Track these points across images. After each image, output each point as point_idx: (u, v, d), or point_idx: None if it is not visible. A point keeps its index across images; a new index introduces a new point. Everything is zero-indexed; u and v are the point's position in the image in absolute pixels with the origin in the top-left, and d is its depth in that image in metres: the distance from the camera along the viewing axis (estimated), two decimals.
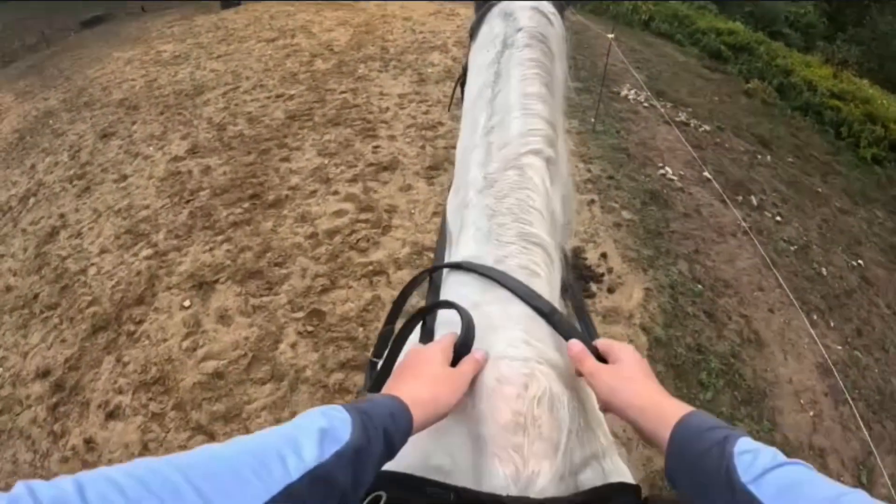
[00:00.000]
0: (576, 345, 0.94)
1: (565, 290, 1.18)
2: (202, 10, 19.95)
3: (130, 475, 0.49)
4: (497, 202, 1.09)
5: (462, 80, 1.56)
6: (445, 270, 1.18)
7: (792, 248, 7.28)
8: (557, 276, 1.10)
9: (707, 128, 10.11)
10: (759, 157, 9.82)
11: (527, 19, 1.26)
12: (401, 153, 7.20)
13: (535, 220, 1.07)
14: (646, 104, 10.12)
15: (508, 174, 1.10)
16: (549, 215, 1.10)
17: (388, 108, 8.59)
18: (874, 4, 21.00)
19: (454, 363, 0.90)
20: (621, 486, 0.88)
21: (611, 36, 7.58)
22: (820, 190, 9.31)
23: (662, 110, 9.73)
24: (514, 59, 1.22)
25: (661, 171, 7.79)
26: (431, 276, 1.28)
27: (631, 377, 0.88)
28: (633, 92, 10.46)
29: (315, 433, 0.64)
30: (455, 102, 1.72)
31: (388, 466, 0.78)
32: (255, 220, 6.29)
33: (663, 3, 19.36)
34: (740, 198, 8.05)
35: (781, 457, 0.66)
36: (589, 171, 7.15)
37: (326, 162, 7.17)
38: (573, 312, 1.26)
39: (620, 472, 0.96)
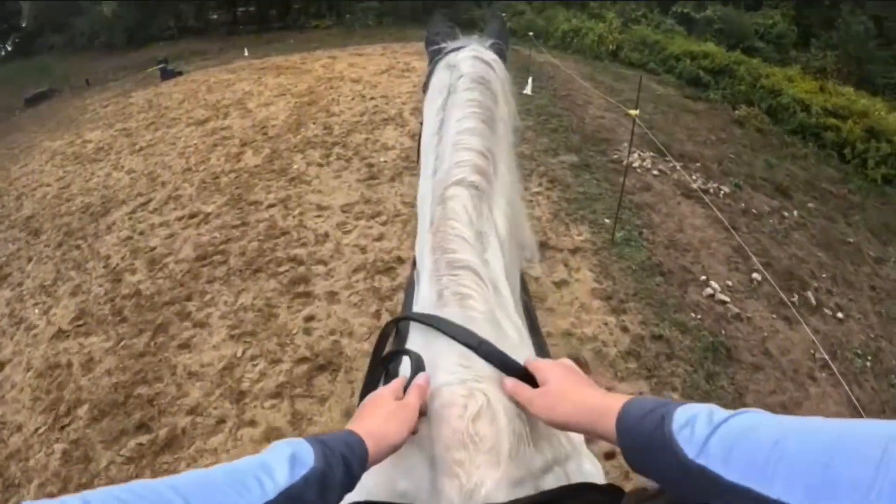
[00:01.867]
0: (507, 381, 0.91)
1: (526, 309, 1.24)
2: (142, 84, 17.71)
3: (130, 491, 0.52)
4: (433, 238, 1.09)
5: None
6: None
7: (868, 364, 5.68)
8: (494, 294, 1.05)
9: (725, 189, 8.28)
10: (786, 214, 8.33)
11: (468, 67, 1.28)
12: (344, 330, 4.78)
13: (459, 247, 1.06)
14: (655, 171, 7.95)
15: (438, 210, 1.11)
16: (475, 238, 1.08)
17: (326, 235, 6.19)
18: (843, 5, 18.94)
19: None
20: (582, 487, 0.86)
21: (634, 112, 5.41)
22: (851, 240, 8.26)
23: (675, 175, 7.60)
24: (456, 103, 1.22)
25: (708, 291, 5.60)
26: (398, 326, 1.18)
27: (561, 391, 0.85)
28: (635, 155, 8.17)
29: (285, 459, 0.66)
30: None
31: (357, 495, 0.81)
32: (143, 473, 3.86)
33: (630, 31, 17.14)
34: (796, 297, 6.14)
35: (718, 414, 0.62)
36: (624, 326, 4.77)
37: (240, 354, 4.75)
38: (527, 327, 1.23)
39: (588, 474, 0.94)
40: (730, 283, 5.97)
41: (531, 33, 11.00)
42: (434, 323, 0.98)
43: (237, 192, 7.56)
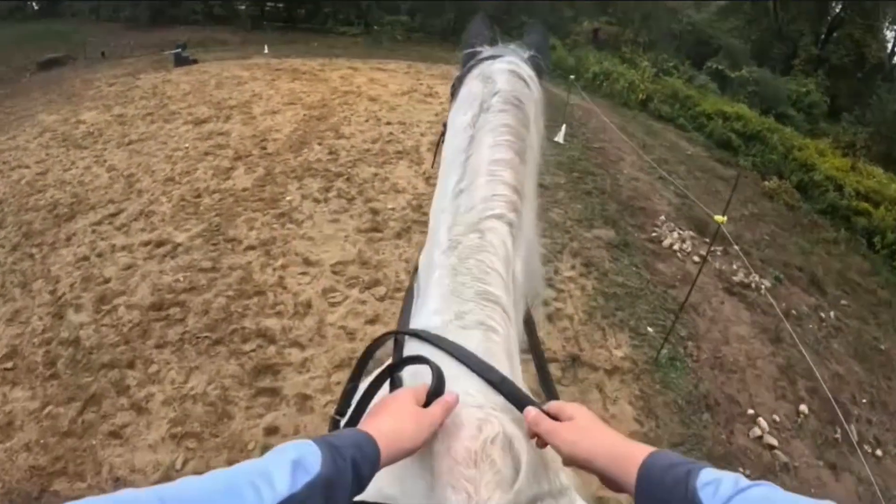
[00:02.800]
0: (530, 411, 0.87)
1: (534, 349, 1.24)
2: (155, 66, 16.57)
3: (115, 500, 0.49)
4: (459, 262, 1.04)
5: (442, 140, 1.43)
6: (407, 336, 1.09)
7: None
8: (514, 331, 1.05)
9: (766, 283, 7.15)
10: (823, 315, 7.37)
11: (504, 82, 1.19)
12: None
13: (494, 280, 1.02)
14: (695, 257, 6.94)
15: (471, 237, 1.06)
16: (508, 276, 1.05)
17: (308, 306, 4.94)
18: (883, 84, 17.89)
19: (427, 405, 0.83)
20: None
21: (721, 219, 4.31)
22: (883, 347, 7.33)
23: (716, 262, 6.78)
24: (489, 125, 1.15)
25: (756, 431, 4.58)
26: (396, 337, 1.12)
27: (588, 429, 0.82)
28: (674, 234, 7.11)
29: (287, 465, 0.61)
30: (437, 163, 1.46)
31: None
32: None
33: (662, 81, 16.03)
34: (838, 433, 5.21)
35: (744, 481, 0.62)
36: None
37: (179, 466, 3.48)
38: (536, 370, 1.24)
39: None
40: (776, 417, 5.00)
41: (572, 76, 9.82)
42: (455, 352, 0.92)
43: (216, 220, 6.37)
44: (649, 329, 5.12)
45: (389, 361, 1.05)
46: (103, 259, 5.87)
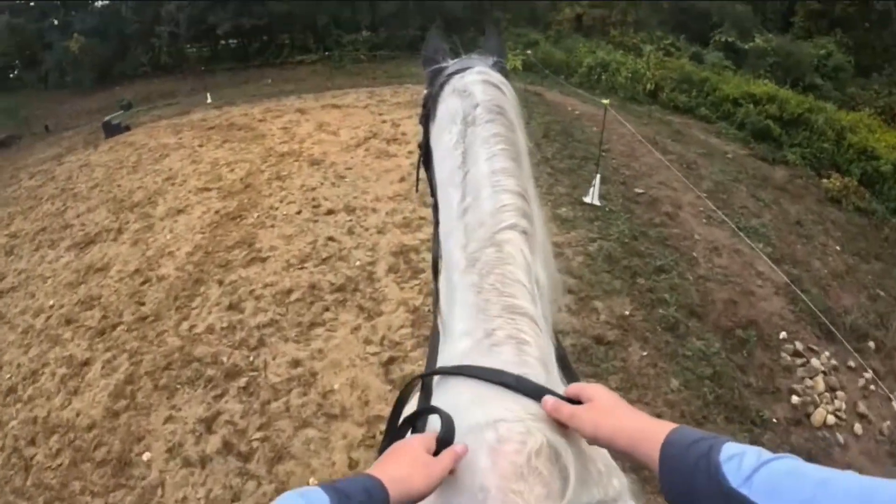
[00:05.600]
0: (548, 399, 0.78)
1: (560, 358, 1.02)
2: (88, 139, 13.42)
3: None
4: (481, 279, 0.91)
5: (423, 160, 1.31)
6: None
7: None
8: (546, 340, 0.91)
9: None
10: None
11: (481, 93, 1.06)
12: None
13: (518, 292, 0.90)
14: (841, 413, 3.49)
15: (488, 252, 0.93)
16: (531, 285, 0.92)
17: None
18: None
19: (437, 454, 0.75)
20: None
21: None
22: None
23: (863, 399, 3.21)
24: (479, 138, 1.02)
25: None
26: (423, 380, 1.00)
27: (610, 409, 0.76)
28: (817, 380, 3.62)
29: None
30: (421, 181, 1.34)
31: None
32: None
33: (669, 65, 12.28)
34: None
35: (766, 454, 0.57)
36: None
37: None
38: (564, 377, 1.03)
39: None
40: None
41: (606, 101, 6.10)
42: (471, 372, 0.84)
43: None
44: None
45: (406, 414, 0.92)
46: None
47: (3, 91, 22.20)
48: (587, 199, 5.89)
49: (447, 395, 0.87)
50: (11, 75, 22.42)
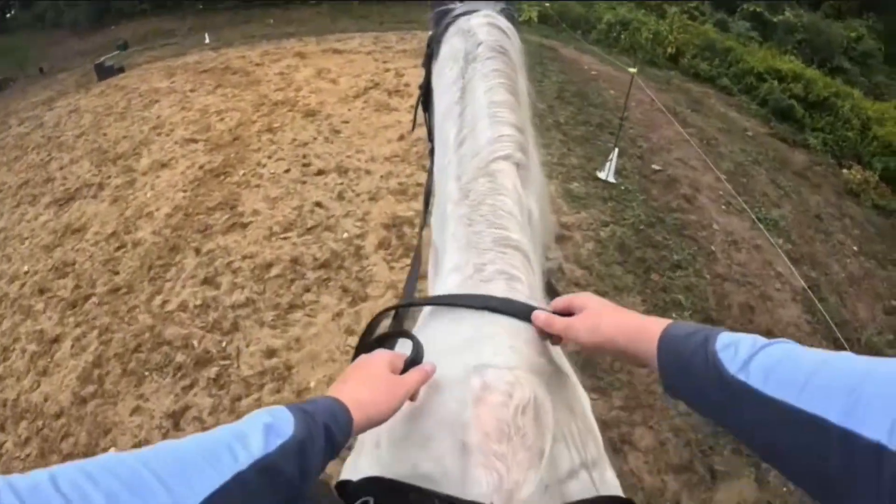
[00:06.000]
0: (539, 314, 0.77)
1: (549, 291, 1.01)
2: (80, 81, 12.74)
3: (101, 467, 0.45)
4: (472, 210, 0.89)
5: (422, 102, 1.29)
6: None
7: None
8: (538, 276, 0.89)
9: None
10: None
11: (485, 34, 1.04)
12: None
13: (510, 224, 0.87)
14: None
15: (480, 181, 0.90)
16: (524, 218, 0.90)
17: None
18: None
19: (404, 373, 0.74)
20: (613, 500, 0.74)
21: None
22: None
23: None
24: (478, 72, 1.01)
25: None
26: (397, 311, 1.03)
27: (603, 313, 0.74)
28: None
29: (260, 428, 0.55)
30: (419, 123, 1.36)
31: (375, 470, 0.71)
32: None
33: (692, 30, 11.26)
34: None
35: (761, 340, 0.56)
36: None
37: None
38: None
39: (609, 485, 0.78)
40: None
41: (633, 70, 5.26)
42: (455, 301, 0.82)
43: None
44: None
45: (378, 334, 0.90)
46: None
47: (4, 32, 21.31)
48: (602, 175, 5.26)
49: (436, 331, 0.84)
50: (8, 15, 21.44)
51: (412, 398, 0.72)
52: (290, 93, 7.90)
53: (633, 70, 4.77)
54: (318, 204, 4.72)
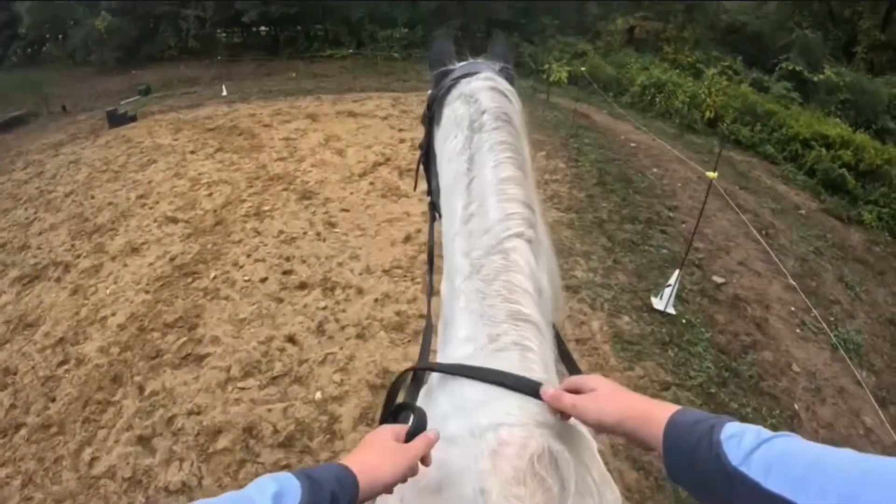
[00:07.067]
0: (547, 389, 0.76)
1: (562, 358, 1.00)
2: (93, 126, 12.20)
3: None
4: (486, 286, 0.88)
5: (423, 162, 1.33)
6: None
7: None
8: (549, 348, 0.88)
9: None
10: None
11: (489, 100, 1.02)
12: None
13: (523, 299, 0.86)
14: None
15: (493, 258, 0.89)
16: (536, 294, 0.88)
17: None
18: None
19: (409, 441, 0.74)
20: None
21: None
22: None
23: None
24: (486, 145, 0.98)
25: None
26: (415, 373, 0.99)
27: (612, 395, 0.74)
28: None
29: (269, 497, 0.54)
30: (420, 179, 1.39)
31: None
32: None
33: (730, 92, 10.40)
34: None
35: (765, 433, 0.56)
36: None
37: None
38: (567, 369, 1.03)
39: None
40: None
41: (712, 174, 4.16)
42: (470, 373, 0.81)
43: None
44: None
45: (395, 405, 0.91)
46: None
47: (32, 65, 21.16)
48: (659, 304, 4.17)
49: (447, 396, 0.84)
50: (43, 49, 21.36)
51: (424, 462, 0.72)
52: (291, 165, 7.07)
53: (712, 175, 3.84)
54: (291, 339, 3.72)
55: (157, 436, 3.20)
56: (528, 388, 0.76)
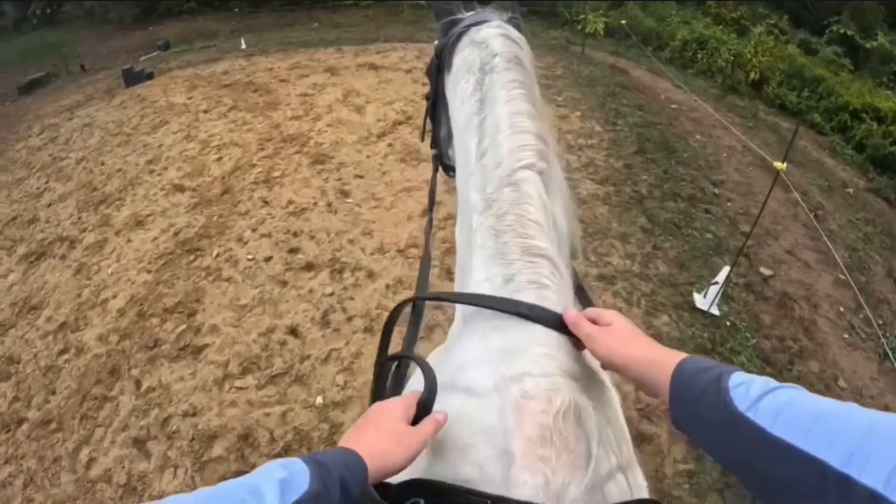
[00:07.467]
0: (570, 312, 0.75)
1: (577, 293, 0.94)
2: (110, 85, 11.81)
3: None
4: (498, 221, 0.85)
5: (430, 113, 1.27)
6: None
7: None
8: (567, 283, 0.84)
9: None
10: None
11: (500, 45, 1.00)
12: None
13: (536, 232, 0.82)
14: None
15: (505, 192, 0.86)
16: (549, 226, 0.85)
17: None
18: None
19: (417, 420, 0.70)
20: (647, 503, 0.72)
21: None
22: None
23: None
24: (497, 83, 0.96)
25: None
26: (415, 304, 1.00)
27: (625, 335, 0.73)
28: None
29: (276, 484, 0.51)
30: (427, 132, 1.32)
31: (415, 477, 0.66)
32: None
33: (778, 53, 9.30)
34: None
35: (773, 383, 0.55)
36: None
37: None
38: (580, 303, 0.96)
39: (641, 487, 0.76)
40: None
41: (780, 165, 3.35)
42: (478, 301, 0.79)
43: None
44: None
45: (390, 355, 0.90)
46: None
47: (52, 25, 20.84)
48: (702, 304, 3.59)
49: (465, 341, 0.80)
50: (61, 9, 20.94)
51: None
52: (306, 124, 6.58)
53: (780, 166, 3.20)
54: (294, 331, 3.36)
55: (151, 439, 2.93)
56: (548, 318, 0.73)
